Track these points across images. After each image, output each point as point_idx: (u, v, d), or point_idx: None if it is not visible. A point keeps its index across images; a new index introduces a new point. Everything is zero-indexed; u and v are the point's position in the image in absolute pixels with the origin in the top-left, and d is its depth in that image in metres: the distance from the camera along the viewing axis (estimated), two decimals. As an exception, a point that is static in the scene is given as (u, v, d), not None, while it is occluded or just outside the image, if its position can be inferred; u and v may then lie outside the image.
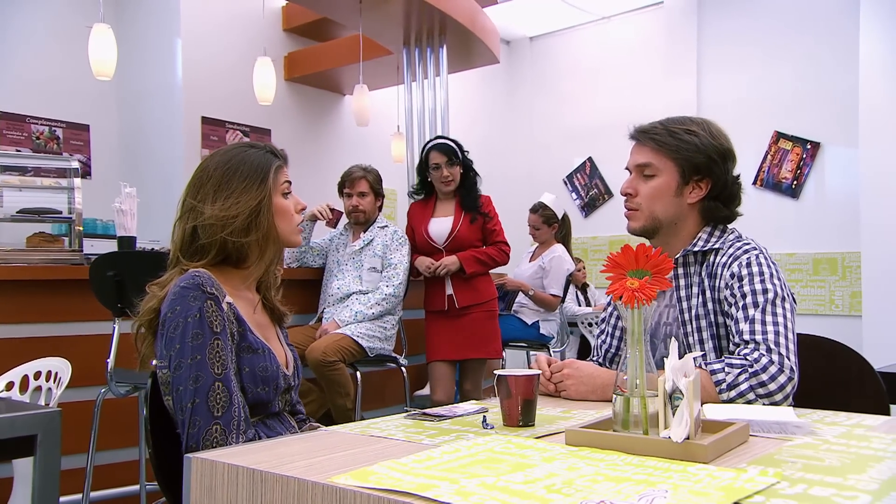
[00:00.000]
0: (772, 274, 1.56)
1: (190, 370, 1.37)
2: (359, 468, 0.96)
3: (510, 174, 8.19)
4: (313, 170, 6.30)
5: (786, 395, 1.42)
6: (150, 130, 5.90)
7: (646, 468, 0.96)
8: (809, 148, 6.67)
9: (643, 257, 1.17)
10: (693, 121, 1.71)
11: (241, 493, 0.99)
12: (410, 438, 1.17)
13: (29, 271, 2.94)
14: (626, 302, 1.12)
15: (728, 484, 0.88)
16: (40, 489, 1.46)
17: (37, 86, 5.63)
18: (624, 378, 1.15)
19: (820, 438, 1.13)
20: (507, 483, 0.89)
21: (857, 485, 0.87)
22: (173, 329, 1.40)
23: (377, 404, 3.92)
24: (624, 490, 0.86)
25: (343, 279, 3.56)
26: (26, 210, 3.30)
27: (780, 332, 1.47)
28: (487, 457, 1.02)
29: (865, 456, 1.02)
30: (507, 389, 1.27)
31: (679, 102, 7.07)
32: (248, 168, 1.56)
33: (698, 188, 1.67)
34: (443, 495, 0.84)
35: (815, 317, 6.67)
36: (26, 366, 2.07)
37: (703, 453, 0.99)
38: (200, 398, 1.36)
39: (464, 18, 5.25)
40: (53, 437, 1.48)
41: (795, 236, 6.75)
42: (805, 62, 6.64)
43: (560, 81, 8.25)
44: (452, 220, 3.66)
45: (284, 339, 1.70)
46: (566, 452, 1.04)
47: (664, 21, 7.48)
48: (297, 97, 6.49)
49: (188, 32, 5.70)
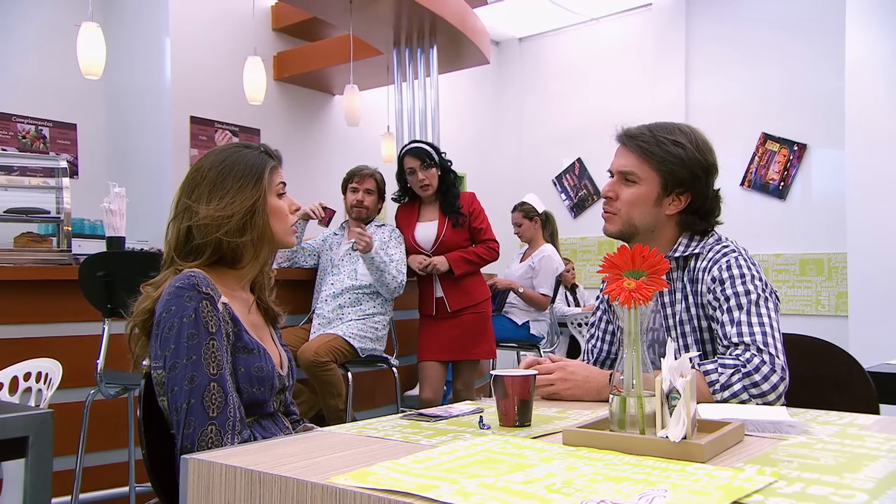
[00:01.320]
0: (752, 275, 1.57)
1: (185, 370, 1.36)
2: (357, 469, 0.96)
3: (500, 175, 8.21)
4: (303, 170, 6.29)
5: (778, 395, 1.43)
6: (139, 130, 5.87)
7: (644, 468, 0.96)
8: (796, 149, 6.72)
9: (640, 258, 1.18)
10: (681, 130, 1.69)
11: (239, 494, 0.99)
12: (407, 439, 1.17)
13: (17, 272, 2.91)
14: (623, 302, 1.13)
15: (727, 483, 0.88)
16: (32, 491, 1.44)
17: (23, 84, 5.59)
18: (620, 378, 1.16)
19: (814, 438, 1.14)
20: (508, 483, 0.89)
21: (854, 483, 0.88)
22: (168, 329, 1.39)
23: (368, 405, 3.91)
24: (624, 490, 0.87)
25: (337, 275, 3.55)
26: (14, 210, 3.27)
27: (767, 332, 1.49)
28: (486, 457, 1.03)
29: (860, 455, 1.03)
30: (504, 390, 1.27)
31: (667, 104, 7.12)
32: (243, 168, 1.56)
33: (678, 201, 1.68)
34: (443, 495, 0.84)
35: (801, 317, 6.71)
36: (16, 367, 2.05)
37: (700, 453, 0.99)
38: (196, 398, 1.35)
39: (454, 19, 5.26)
40: (45, 439, 1.47)
41: (782, 237, 6.80)
42: (792, 64, 6.69)
43: (549, 82, 8.27)
44: (437, 225, 3.64)
45: (278, 339, 1.70)
46: (564, 452, 1.05)
47: (652, 23, 7.52)
48: (287, 97, 6.47)
49: (177, 31, 5.67)
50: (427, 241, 3.64)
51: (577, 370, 1.56)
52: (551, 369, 1.56)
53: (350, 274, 3.53)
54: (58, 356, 2.44)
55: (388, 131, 6.15)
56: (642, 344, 1.16)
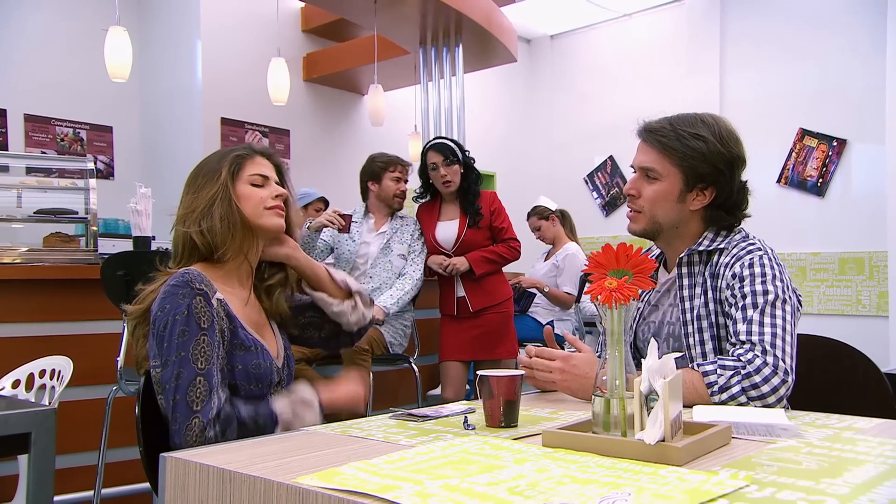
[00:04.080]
0: (774, 275, 1.52)
1: (174, 367, 1.38)
2: (328, 468, 0.96)
3: (530, 173, 8.17)
4: (331, 170, 6.33)
5: (779, 398, 1.39)
6: (171, 131, 5.97)
7: (616, 470, 0.94)
8: (836, 145, 6.56)
9: (624, 257, 1.16)
10: (704, 122, 1.64)
11: (212, 492, 1.00)
12: (388, 439, 1.16)
13: (43, 270, 2.98)
14: (603, 302, 1.11)
15: (695, 487, 0.86)
16: (34, 486, 1.47)
17: (61, 88, 5.72)
18: (604, 379, 1.14)
19: (804, 441, 1.11)
20: (471, 485, 0.88)
21: (828, 489, 0.85)
22: (163, 328, 1.41)
23: (392, 403, 3.91)
24: (588, 492, 0.85)
25: (374, 268, 3.56)
26: (43, 210, 3.35)
27: (778, 333, 1.44)
28: (460, 458, 1.02)
29: (846, 459, 1.00)
30: (489, 390, 1.26)
31: (701, 100, 6.98)
32: (210, 165, 1.61)
33: (702, 195, 1.63)
34: (402, 497, 0.84)
35: (841, 317, 6.55)
36: (31, 364, 2.10)
37: (677, 456, 0.97)
38: (181, 394, 1.37)
39: (479, 17, 5.24)
40: (48, 436, 1.50)
41: (821, 235, 6.64)
42: (830, 58, 6.52)
43: (581, 80, 8.20)
44: (458, 224, 3.63)
45: (280, 331, 1.70)
46: (541, 454, 1.03)
47: (685, 18, 7.41)
48: (316, 98, 6.52)
49: (208, 34, 5.75)
50: (448, 240, 3.63)
51: (581, 365, 1.50)
52: (555, 357, 1.54)
53: (386, 265, 3.55)
54: (83, 354, 2.50)
55: (415, 131, 6.16)
56: (626, 344, 1.13)
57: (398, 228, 3.64)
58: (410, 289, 3.51)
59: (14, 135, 5.55)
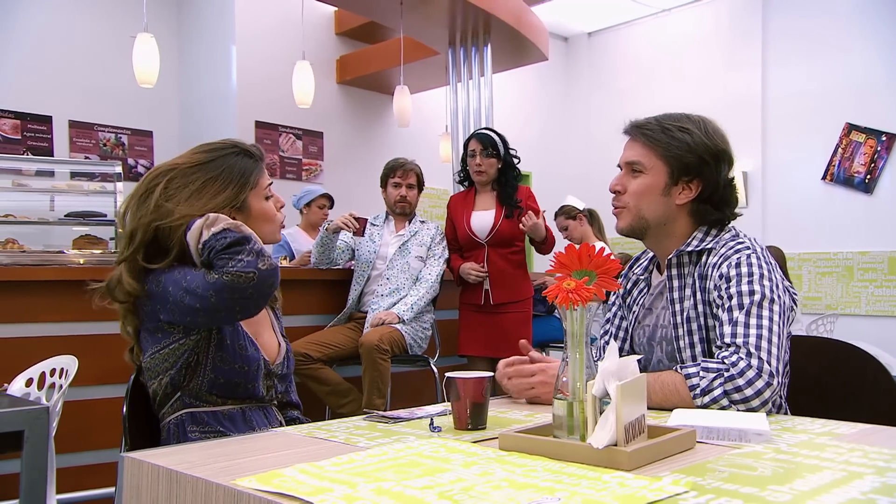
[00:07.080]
0: (762, 275, 1.47)
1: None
2: (272, 470, 0.96)
3: (567, 172, 8.10)
4: (364, 171, 6.36)
5: (763, 401, 1.34)
6: (208, 135, 5.97)
7: (561, 475, 0.92)
8: (885, 140, 6.35)
9: (587, 257, 1.13)
10: (690, 118, 1.63)
11: (162, 493, 1.01)
12: (349, 441, 1.16)
13: (70, 272, 3.06)
14: (560, 303, 1.08)
15: (631, 493, 0.84)
16: (28, 484, 1.51)
17: (103, 95, 5.88)
18: (564, 381, 1.11)
19: (772, 447, 1.07)
20: (403, 488, 0.87)
21: (770, 497, 0.82)
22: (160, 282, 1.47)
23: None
24: (520, 497, 0.84)
25: (391, 269, 3.57)
26: (73, 213, 3.45)
27: (763, 335, 1.39)
28: (410, 461, 1.01)
29: (805, 466, 0.96)
30: (456, 392, 1.24)
31: (743, 95, 6.83)
32: (229, 171, 1.61)
33: (688, 189, 1.60)
34: (328, 500, 0.83)
35: (891, 318, 6.34)
36: (42, 364, 2.16)
37: (624, 460, 0.95)
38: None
39: (508, 17, 5.21)
40: (41, 434, 1.54)
41: (869, 234, 6.44)
42: (876, 51, 6.32)
43: (618, 77, 8.10)
44: (494, 214, 3.63)
45: (280, 329, 1.70)
46: (493, 457, 1.02)
47: (726, 12, 7.26)
48: (349, 99, 6.57)
49: (242, 39, 5.85)
50: (483, 229, 3.63)
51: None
52: (533, 371, 1.51)
53: (403, 267, 3.56)
54: (107, 353, 2.54)
55: (446, 131, 6.16)
56: (587, 346, 1.11)
57: (417, 231, 3.65)
58: (426, 292, 3.53)
59: (59, 140, 5.72)
